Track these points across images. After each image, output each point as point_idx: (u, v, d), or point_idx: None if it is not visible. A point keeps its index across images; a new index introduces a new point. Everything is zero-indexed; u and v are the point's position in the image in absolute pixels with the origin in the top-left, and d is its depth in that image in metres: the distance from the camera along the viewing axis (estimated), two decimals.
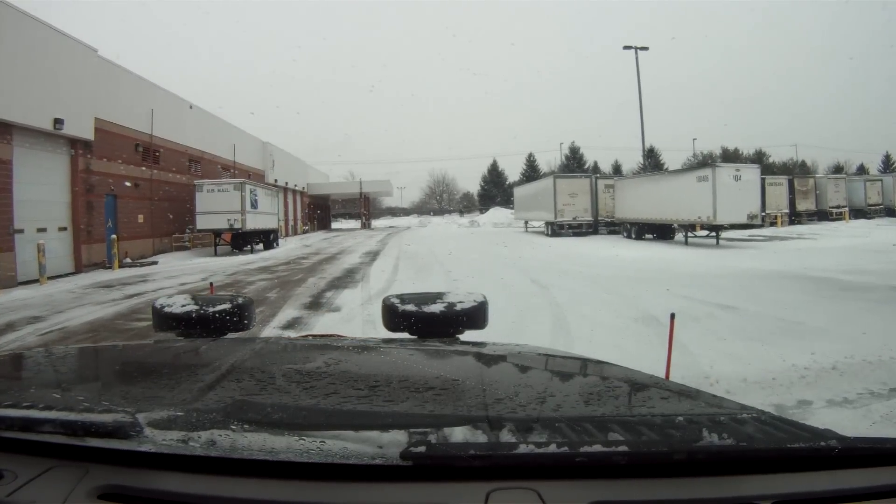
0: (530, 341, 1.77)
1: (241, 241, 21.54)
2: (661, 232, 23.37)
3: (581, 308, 7.51)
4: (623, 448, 0.75)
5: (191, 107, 24.05)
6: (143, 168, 19.74)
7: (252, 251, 21.10)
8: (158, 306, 1.56)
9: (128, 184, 18.65)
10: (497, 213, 54.04)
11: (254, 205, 20.84)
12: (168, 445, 0.76)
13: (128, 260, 17.60)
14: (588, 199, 27.40)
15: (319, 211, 53.44)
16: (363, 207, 51.97)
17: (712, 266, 12.76)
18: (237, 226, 19.81)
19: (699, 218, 19.88)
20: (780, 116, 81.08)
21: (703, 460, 0.75)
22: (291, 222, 40.25)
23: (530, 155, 69.58)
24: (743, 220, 20.07)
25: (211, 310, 1.53)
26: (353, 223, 57.01)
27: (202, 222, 19.91)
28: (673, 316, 2.42)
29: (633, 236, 24.12)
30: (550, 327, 6.44)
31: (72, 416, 0.81)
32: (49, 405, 0.86)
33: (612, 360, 1.30)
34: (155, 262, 17.49)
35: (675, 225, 22.42)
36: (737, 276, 10.92)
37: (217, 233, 20.47)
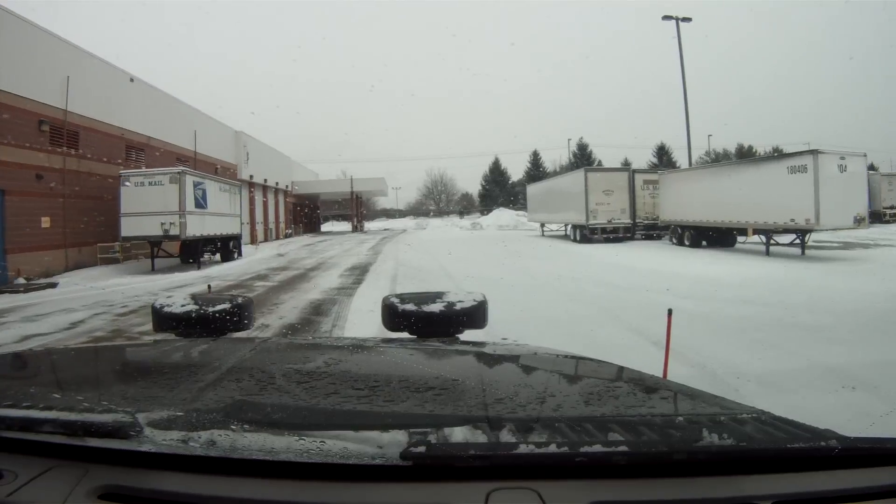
0: None
1: (191, 251, 16.49)
2: (719, 238, 18.57)
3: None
4: (623, 448, 0.74)
5: (132, 80, 18.97)
6: (52, 154, 14.66)
7: (199, 266, 15.89)
8: (158, 306, 1.56)
9: (25, 174, 13.61)
10: (501, 215, 48.99)
11: (200, 203, 15.64)
12: (168, 445, 0.75)
13: (20, 279, 12.65)
14: (626, 198, 22.50)
15: (309, 212, 48.53)
16: (354, 208, 46.81)
17: (862, 292, 8.78)
18: (174, 232, 14.48)
19: (792, 221, 15.01)
20: (779, 116, 77.54)
21: (704, 460, 0.75)
22: (272, 225, 35.26)
23: (535, 153, 64.73)
24: (849, 223, 15.42)
25: (211, 310, 1.52)
26: (345, 225, 51.99)
27: (128, 227, 14.54)
28: (670, 312, 2.33)
29: (688, 243, 19.28)
30: None
31: (72, 416, 0.80)
32: (49, 405, 0.86)
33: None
34: (53, 285, 12.44)
35: (735, 230, 17.76)
36: None
37: (152, 241, 15.33)
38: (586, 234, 22.26)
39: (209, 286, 3.86)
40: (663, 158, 57.61)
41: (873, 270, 11.73)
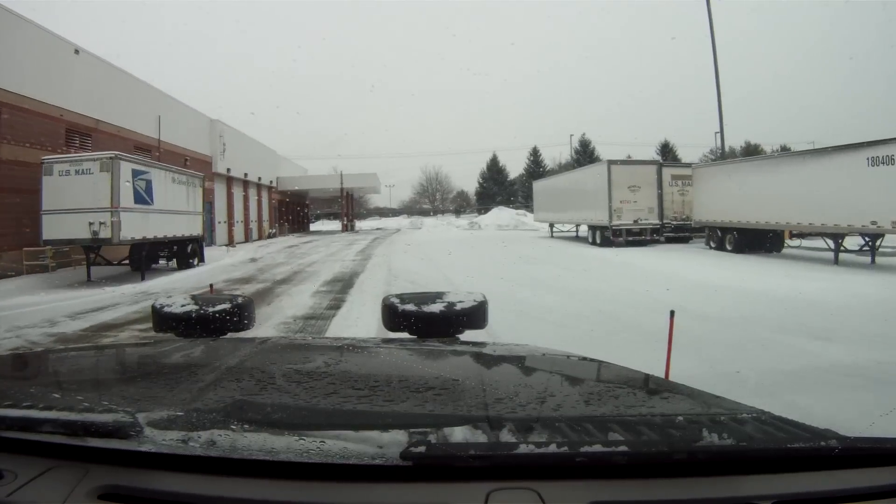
0: None
1: (142, 256, 13.54)
2: (763, 241, 15.92)
3: None
4: (623, 448, 0.74)
5: (77, 51, 15.99)
6: None
7: (143, 276, 12.72)
8: (158, 306, 1.54)
9: None
10: (501, 214, 46.06)
11: (143, 197, 12.34)
12: (168, 445, 0.75)
13: None
14: (654, 195, 19.67)
15: (296, 210, 45.56)
16: (345, 206, 43.66)
17: None
18: (104, 234, 11.17)
19: (874, 224, 12.27)
20: (778, 115, 76.21)
21: (704, 460, 0.74)
22: (253, 224, 32.30)
23: (535, 149, 61.63)
24: None
25: (211, 310, 1.50)
26: (336, 225, 48.90)
27: (50, 228, 11.35)
28: (672, 313, 2.24)
29: (730, 247, 16.55)
30: None
31: (72, 416, 0.80)
32: (49, 405, 0.86)
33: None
34: None
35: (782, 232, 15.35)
36: None
37: (88, 246, 12.06)
38: (608, 236, 19.42)
39: (211, 286, 3.30)
40: (667, 156, 55.13)
41: None
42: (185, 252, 14.81)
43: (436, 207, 71.58)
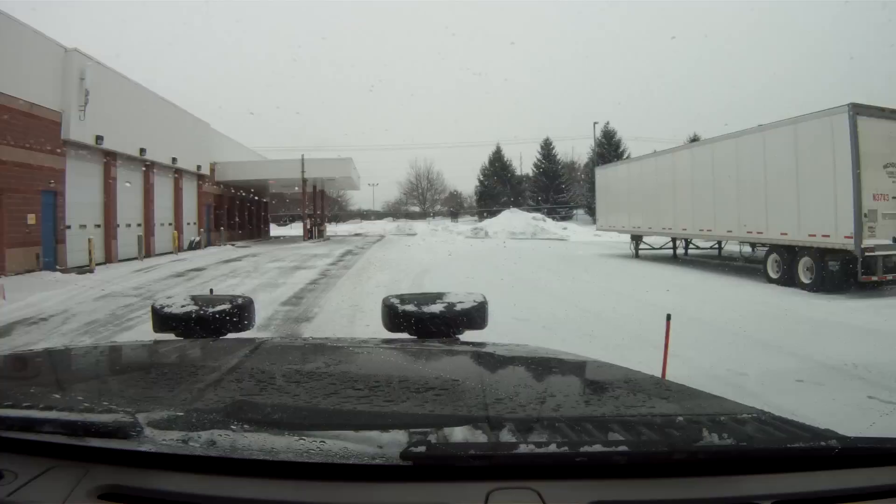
0: None
1: None
2: None
3: None
4: (623, 448, 0.74)
5: None
6: None
7: None
8: (158, 307, 1.52)
9: None
10: (514, 218, 35.66)
11: None
12: (168, 445, 0.75)
13: None
14: None
15: (251, 209, 34.71)
16: (306, 203, 31.73)
17: None
18: None
19: None
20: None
21: (704, 460, 0.74)
22: (164, 228, 21.52)
23: (546, 141, 51.08)
24: None
25: (210, 310, 1.50)
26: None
27: None
28: (669, 317, 2.22)
29: None
30: None
31: (72, 416, 0.80)
32: (49, 405, 0.86)
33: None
34: None
35: None
36: None
37: None
38: (836, 269, 9.07)
39: (211, 289, 3.11)
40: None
41: None
42: None
43: (426, 210, 60.92)
